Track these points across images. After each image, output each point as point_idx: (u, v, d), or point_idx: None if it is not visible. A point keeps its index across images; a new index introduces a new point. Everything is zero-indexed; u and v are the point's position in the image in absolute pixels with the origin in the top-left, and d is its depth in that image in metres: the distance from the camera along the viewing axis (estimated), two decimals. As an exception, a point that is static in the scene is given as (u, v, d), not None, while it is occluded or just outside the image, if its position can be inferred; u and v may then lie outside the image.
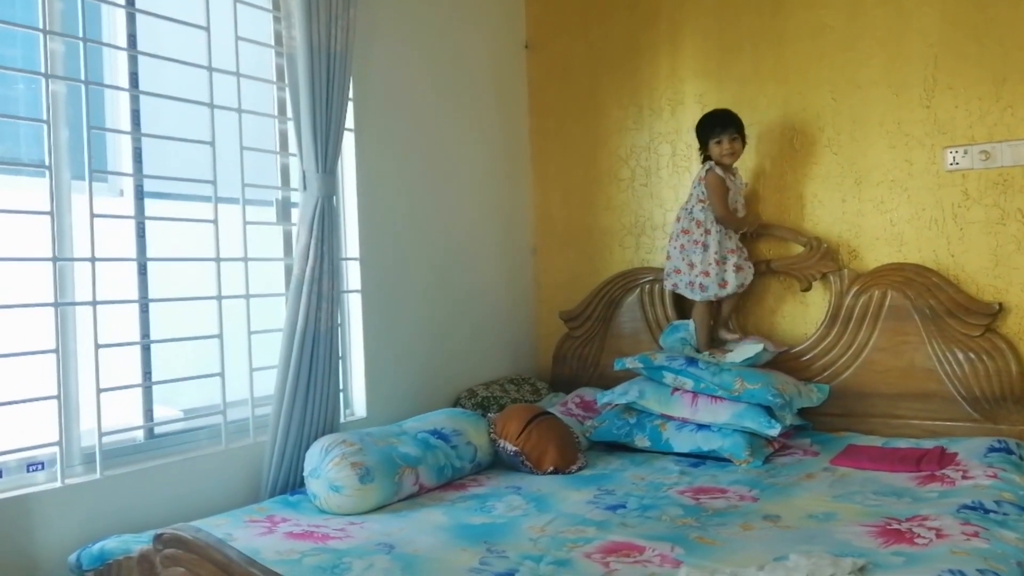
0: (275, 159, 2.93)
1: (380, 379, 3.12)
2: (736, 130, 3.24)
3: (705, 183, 3.23)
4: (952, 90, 3.12)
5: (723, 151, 3.22)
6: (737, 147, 3.24)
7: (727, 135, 3.22)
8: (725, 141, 3.21)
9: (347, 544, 2.13)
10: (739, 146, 3.25)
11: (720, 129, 3.23)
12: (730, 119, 3.25)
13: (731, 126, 3.23)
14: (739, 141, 3.24)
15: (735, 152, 3.24)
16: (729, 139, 3.22)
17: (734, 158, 3.26)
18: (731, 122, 3.24)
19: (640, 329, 3.65)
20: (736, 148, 3.24)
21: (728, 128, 3.22)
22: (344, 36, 2.78)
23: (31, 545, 2.11)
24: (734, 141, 3.22)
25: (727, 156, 3.23)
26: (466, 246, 3.62)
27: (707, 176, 3.23)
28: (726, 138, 3.21)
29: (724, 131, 3.22)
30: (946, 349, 3.05)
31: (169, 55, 2.57)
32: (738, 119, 3.27)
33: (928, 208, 3.17)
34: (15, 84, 2.71)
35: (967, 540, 1.97)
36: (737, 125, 3.25)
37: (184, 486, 2.46)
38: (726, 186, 3.23)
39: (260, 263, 2.82)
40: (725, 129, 3.22)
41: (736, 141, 3.23)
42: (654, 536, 2.12)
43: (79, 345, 2.31)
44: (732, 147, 3.22)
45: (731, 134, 3.22)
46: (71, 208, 2.31)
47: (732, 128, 3.23)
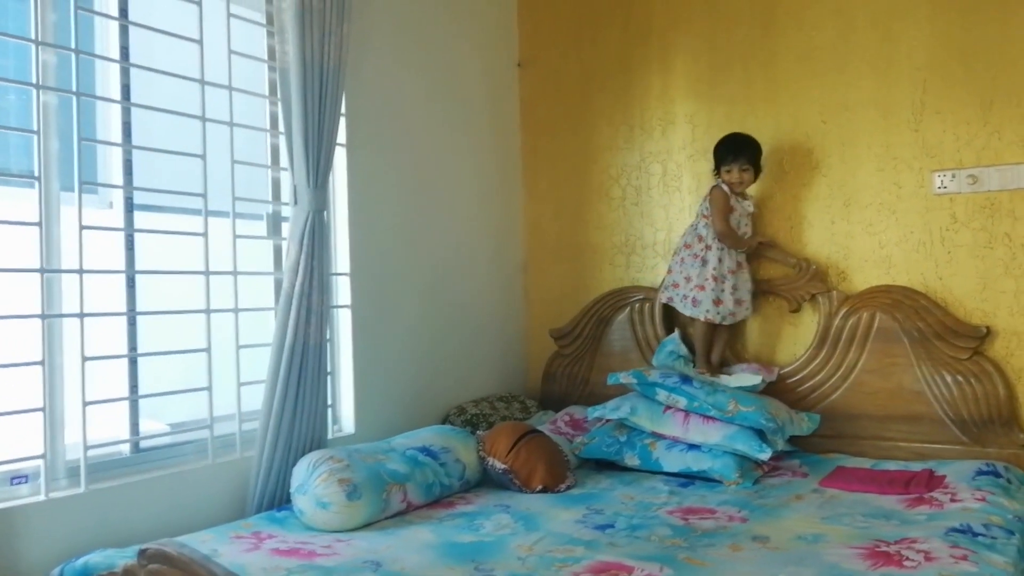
0: (266, 173, 2.93)
1: (369, 395, 3.10)
2: (748, 160, 3.25)
3: (709, 198, 3.29)
4: (940, 114, 3.15)
5: (732, 179, 3.26)
6: (747, 177, 3.26)
7: (737, 165, 3.25)
8: (735, 171, 3.25)
9: (334, 561, 2.11)
10: (749, 176, 3.26)
11: (732, 158, 3.26)
12: (744, 147, 3.27)
13: (743, 156, 3.25)
14: (750, 172, 3.26)
15: (743, 182, 3.27)
16: (739, 169, 3.24)
17: (742, 187, 3.29)
18: (744, 151, 3.26)
19: (630, 348, 3.65)
20: (745, 178, 3.26)
21: (740, 158, 3.25)
22: (337, 51, 2.79)
23: (14, 559, 2.09)
24: (744, 171, 3.25)
25: (735, 185, 3.27)
26: (456, 262, 3.62)
27: (712, 192, 3.29)
28: (736, 168, 3.25)
29: (735, 160, 3.25)
30: (934, 372, 3.06)
31: (162, 68, 2.57)
32: (753, 147, 3.29)
33: (916, 231, 3.19)
34: (6, 94, 2.70)
35: (956, 563, 1.97)
36: (750, 155, 3.27)
37: (170, 501, 2.43)
38: (729, 204, 3.27)
39: (249, 277, 2.81)
40: (736, 159, 3.25)
41: (747, 172, 3.25)
42: (643, 556, 2.11)
43: (66, 357, 2.29)
44: (741, 177, 3.25)
45: (742, 164, 3.24)
46: (60, 219, 2.30)
47: (744, 158, 3.25)
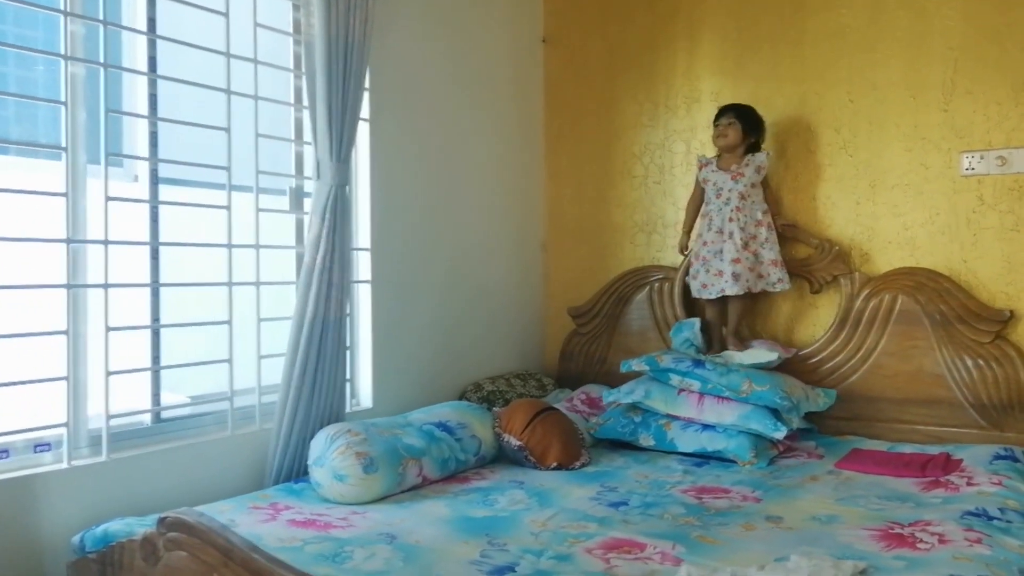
0: (290, 147, 2.94)
1: (387, 370, 3.13)
2: (735, 114, 3.29)
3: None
4: (971, 94, 3.09)
5: (714, 135, 3.33)
6: (731, 132, 3.28)
7: (724, 118, 3.30)
8: (722, 125, 3.30)
9: (349, 533, 2.14)
10: (735, 132, 3.27)
11: (720, 113, 3.34)
12: (731, 106, 3.35)
13: (730, 111, 3.31)
14: (736, 125, 3.27)
15: (724, 136, 3.29)
16: (725, 123, 3.29)
17: (723, 140, 3.30)
18: (730, 108, 3.33)
19: (648, 327, 3.65)
20: (730, 133, 3.28)
21: (727, 112, 3.31)
22: (362, 26, 2.79)
23: (36, 525, 2.13)
24: (730, 125, 3.28)
25: (716, 140, 3.33)
26: (477, 240, 3.63)
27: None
28: (722, 122, 3.30)
29: (721, 116, 3.31)
30: (955, 355, 3.03)
31: (188, 40, 2.58)
32: (745, 108, 3.32)
33: (942, 213, 3.15)
34: (35, 65, 2.73)
35: (970, 546, 1.97)
36: (738, 111, 3.30)
37: (189, 471, 2.48)
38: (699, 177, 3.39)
39: (271, 251, 2.83)
40: (723, 114, 3.31)
41: (732, 125, 3.27)
42: (656, 534, 2.12)
43: (90, 327, 2.33)
44: (725, 131, 3.29)
45: (728, 118, 3.28)
46: (86, 191, 2.33)
47: (730, 113, 3.29)
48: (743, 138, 3.28)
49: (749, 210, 3.24)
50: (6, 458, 2.15)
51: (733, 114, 3.28)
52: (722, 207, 3.26)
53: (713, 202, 3.31)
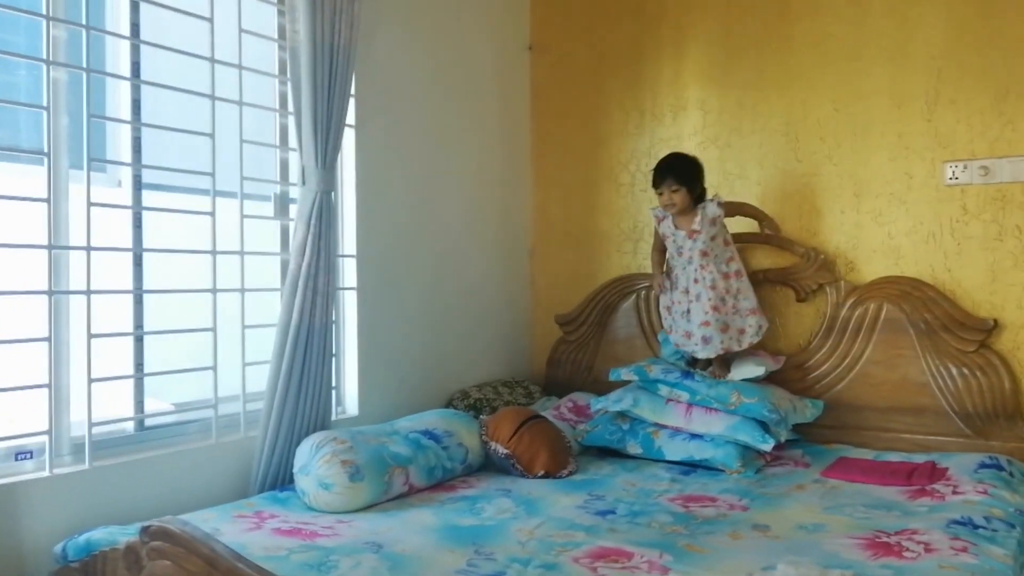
0: (275, 153, 2.93)
1: (373, 377, 3.11)
2: (676, 179, 3.05)
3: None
4: (954, 104, 3.12)
5: (663, 203, 3.11)
6: (678, 199, 3.05)
7: (666, 187, 3.07)
8: (665, 193, 3.08)
9: (335, 542, 2.12)
10: (681, 197, 3.05)
11: (659, 180, 3.10)
12: (668, 168, 3.10)
13: (669, 176, 3.06)
14: (681, 192, 3.04)
15: (674, 204, 3.06)
16: (669, 191, 3.07)
17: (674, 210, 3.08)
18: (669, 171, 3.08)
19: (635, 335, 3.65)
20: (676, 200, 3.05)
21: (666, 178, 3.07)
22: (348, 31, 2.78)
23: (17, 534, 2.10)
24: (674, 192, 3.05)
25: (668, 208, 3.10)
26: (463, 246, 3.62)
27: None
28: (665, 190, 3.08)
29: (662, 183, 3.08)
30: (940, 364, 3.05)
31: (172, 45, 2.56)
32: (680, 166, 3.10)
33: (926, 222, 3.17)
34: (16, 70, 2.70)
35: (956, 555, 1.97)
36: (679, 174, 3.07)
37: (173, 479, 2.45)
38: (659, 235, 3.21)
39: (256, 257, 2.81)
40: (663, 180, 3.08)
41: (677, 192, 3.05)
42: (643, 543, 2.11)
43: (72, 334, 2.31)
44: (671, 198, 3.06)
45: (670, 185, 3.06)
46: (68, 196, 2.30)
47: (671, 179, 3.06)
48: (691, 198, 3.08)
49: (714, 265, 3.07)
50: (-14, 467, 2.12)
51: (673, 179, 3.04)
52: (686, 266, 3.12)
53: (676, 259, 3.16)
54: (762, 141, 3.46)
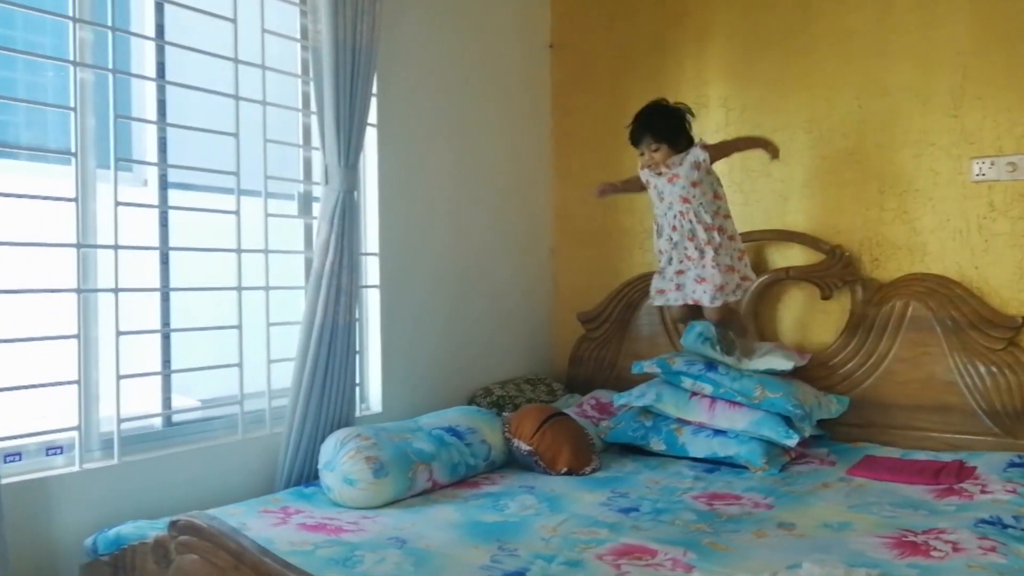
0: (298, 152, 2.95)
1: (396, 375, 3.12)
2: (654, 136, 2.86)
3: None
4: (981, 100, 3.08)
5: (641, 163, 2.94)
6: (659, 156, 2.86)
7: (644, 145, 2.89)
8: (646, 153, 2.90)
9: (360, 537, 2.14)
10: (662, 155, 2.86)
11: (636, 137, 2.91)
12: (643, 126, 2.90)
13: (646, 134, 2.88)
14: (662, 149, 2.85)
15: (651, 162, 2.88)
16: (649, 150, 2.88)
17: (656, 168, 2.89)
18: (644, 130, 2.89)
19: (658, 332, 3.64)
20: (657, 158, 2.87)
21: (643, 136, 2.89)
22: (369, 31, 2.79)
23: (49, 528, 2.14)
24: (654, 151, 2.87)
25: (652, 167, 2.91)
26: (485, 244, 3.62)
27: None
28: (646, 150, 2.89)
29: (640, 140, 2.90)
30: (967, 362, 3.02)
31: (196, 46, 2.59)
32: (655, 120, 2.89)
33: (953, 219, 3.14)
34: (44, 71, 2.74)
35: (984, 555, 1.95)
36: (655, 130, 2.87)
37: (200, 474, 2.48)
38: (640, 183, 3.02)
39: (280, 256, 2.84)
40: (640, 140, 2.90)
41: (659, 151, 2.86)
42: (667, 540, 2.11)
43: (101, 331, 2.34)
44: (652, 157, 2.88)
45: (648, 143, 2.87)
46: (96, 196, 2.34)
47: (647, 135, 2.87)
48: (674, 152, 2.87)
49: (695, 213, 2.86)
50: (18, 461, 2.16)
51: (651, 136, 2.86)
52: (666, 212, 2.94)
53: (658, 206, 2.97)
54: (785, 138, 3.43)
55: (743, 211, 3.51)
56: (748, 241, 3.42)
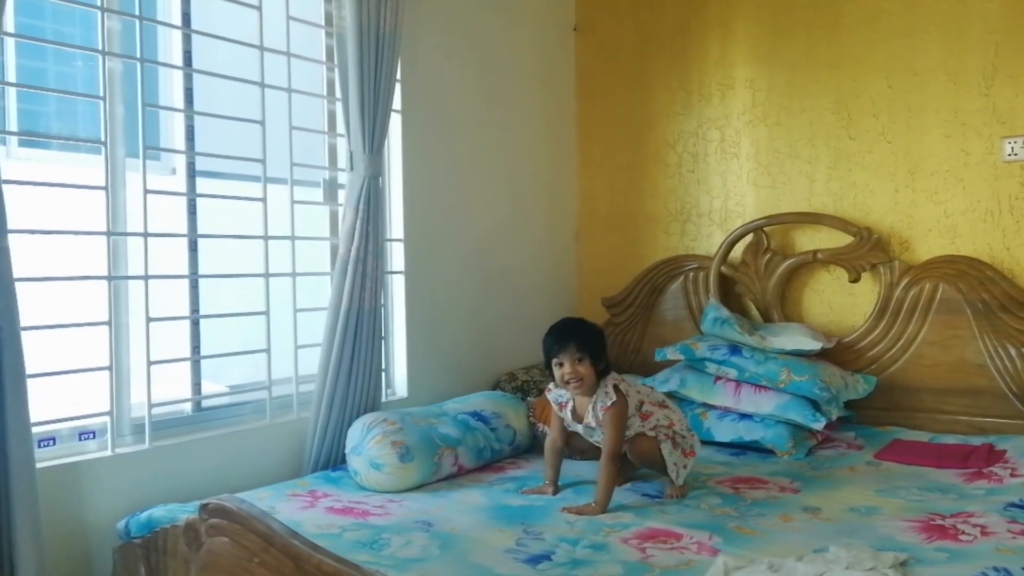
0: (323, 139, 2.96)
1: (421, 360, 3.14)
2: (577, 343, 2.34)
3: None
4: (1012, 79, 3.03)
5: (560, 376, 2.37)
6: (581, 369, 2.33)
7: (565, 354, 2.34)
8: (567, 363, 2.34)
9: (386, 521, 2.16)
10: (586, 368, 2.33)
11: (558, 347, 2.36)
12: (570, 333, 2.38)
13: (569, 341, 2.35)
14: (586, 361, 2.33)
15: (574, 377, 2.33)
16: (572, 361, 2.33)
17: (579, 386, 2.35)
18: (567, 336, 2.37)
19: (683, 317, 3.62)
20: (577, 371, 2.33)
21: (566, 344, 2.35)
22: (393, 17, 2.79)
23: (82, 511, 2.18)
24: (579, 362, 2.33)
25: (567, 384, 2.36)
26: (510, 229, 3.62)
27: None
28: (566, 357, 2.34)
29: (561, 349, 2.35)
30: (998, 344, 2.98)
31: (222, 34, 2.60)
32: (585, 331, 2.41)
33: (984, 200, 3.09)
34: (73, 61, 2.77)
35: (1013, 538, 1.94)
36: (579, 337, 2.36)
37: (229, 459, 2.51)
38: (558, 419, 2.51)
39: (306, 242, 2.86)
40: (563, 348, 2.35)
41: (582, 362, 2.33)
42: (692, 524, 2.11)
43: (131, 318, 2.37)
44: (569, 371, 2.33)
45: (573, 352, 2.33)
46: (125, 184, 2.36)
47: (570, 343, 2.34)
48: (596, 371, 2.37)
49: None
50: (52, 446, 2.20)
51: (575, 344, 2.33)
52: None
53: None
54: (812, 119, 3.40)
55: (770, 193, 3.49)
56: (775, 224, 3.42)
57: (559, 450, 2.52)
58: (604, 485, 2.28)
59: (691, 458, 2.47)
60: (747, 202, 3.55)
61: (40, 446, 2.14)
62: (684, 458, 2.45)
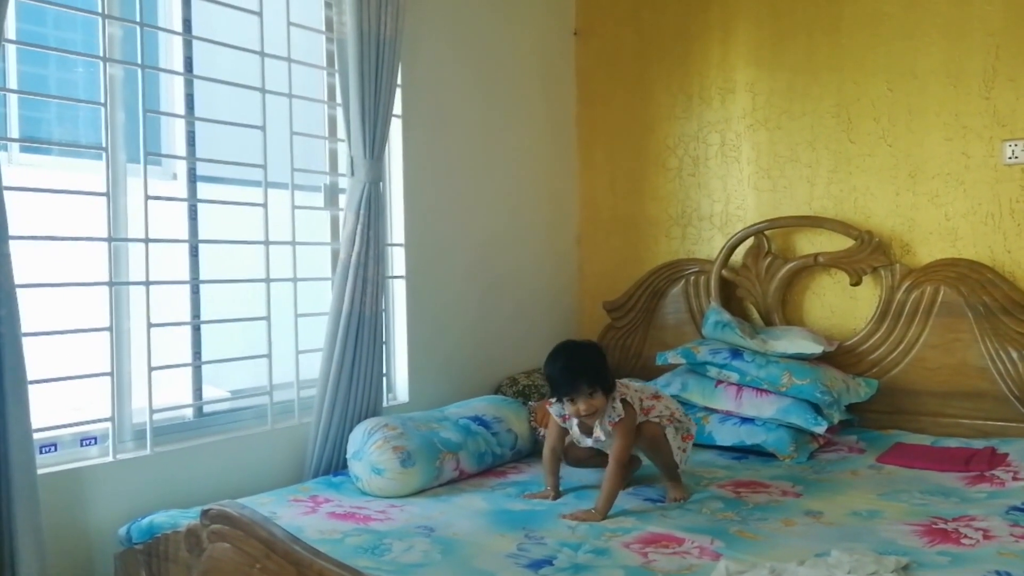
0: (324, 144, 2.96)
1: (422, 365, 3.14)
2: (588, 380, 2.33)
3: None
4: (1013, 82, 3.03)
5: (573, 411, 2.39)
6: (595, 402, 2.34)
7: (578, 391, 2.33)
8: (581, 403, 2.34)
9: (388, 526, 2.16)
10: (599, 399, 2.34)
11: (568, 387, 2.35)
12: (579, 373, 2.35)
13: (580, 379, 2.33)
14: (598, 392, 2.34)
15: (589, 408, 2.34)
16: (586, 400, 2.33)
17: (593, 415, 2.38)
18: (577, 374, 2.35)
19: (684, 321, 3.62)
20: (592, 404, 2.33)
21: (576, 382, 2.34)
22: (394, 22, 2.80)
23: (83, 517, 2.18)
24: (592, 396, 2.33)
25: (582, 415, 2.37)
26: (511, 234, 3.63)
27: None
28: (580, 394, 2.33)
29: (571, 387, 2.34)
30: (999, 347, 2.97)
31: (222, 40, 2.61)
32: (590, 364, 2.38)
33: (984, 203, 3.09)
34: (75, 67, 2.77)
35: (1016, 542, 1.94)
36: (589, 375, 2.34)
37: (230, 464, 2.51)
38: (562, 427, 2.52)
39: (307, 247, 2.86)
40: (573, 386, 2.34)
41: (595, 395, 2.33)
42: (694, 528, 2.11)
43: (132, 324, 2.37)
44: (585, 406, 2.33)
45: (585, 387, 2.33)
46: (126, 190, 2.37)
47: (581, 380, 2.33)
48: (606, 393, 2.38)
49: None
50: (54, 452, 2.20)
51: (586, 382, 2.32)
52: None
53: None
54: (813, 123, 3.40)
55: (771, 197, 3.49)
56: (776, 227, 3.42)
57: (558, 456, 2.55)
58: (607, 492, 2.29)
59: (689, 441, 2.56)
60: (748, 206, 3.56)
61: (41, 452, 2.14)
62: (683, 442, 2.53)
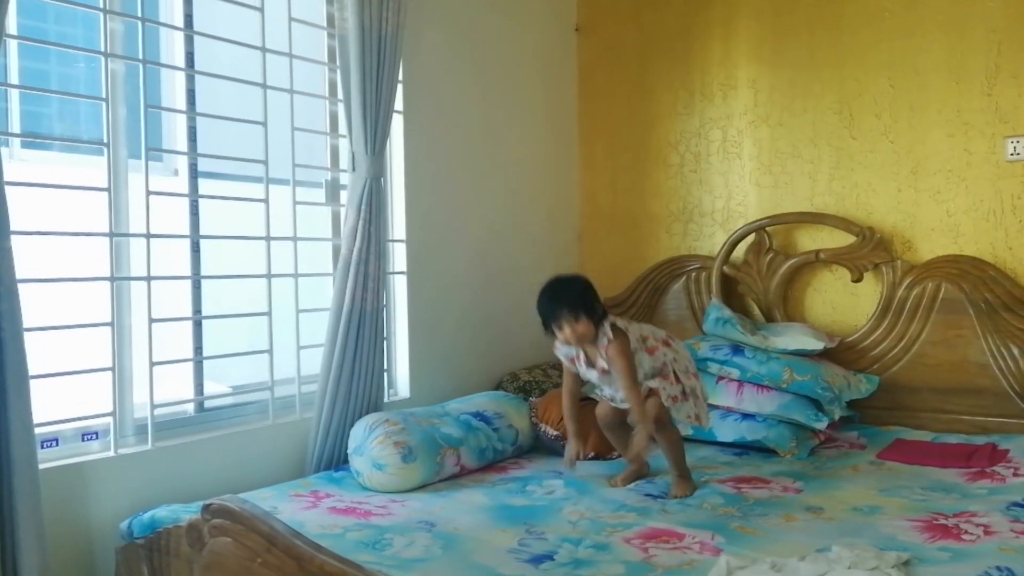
0: (325, 140, 2.96)
1: (424, 360, 3.14)
2: (570, 309, 2.41)
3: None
4: (1015, 78, 3.02)
5: (563, 338, 2.48)
6: (580, 328, 2.41)
7: (564, 319, 2.42)
8: (566, 327, 2.43)
9: (389, 521, 2.16)
10: (584, 326, 2.41)
11: (553, 315, 2.45)
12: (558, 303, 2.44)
13: (561, 307, 2.42)
14: (583, 319, 2.41)
15: (575, 335, 2.42)
16: (570, 325, 2.42)
17: (581, 341, 2.46)
18: (559, 303, 2.43)
19: (685, 317, 3.62)
20: (577, 330, 2.41)
21: (559, 311, 2.42)
22: (395, 18, 2.80)
23: (85, 511, 2.18)
24: (577, 322, 2.41)
25: (572, 341, 2.46)
26: (512, 230, 3.63)
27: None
28: (564, 322, 2.42)
29: (557, 315, 2.43)
30: (1001, 344, 2.97)
31: (224, 36, 2.61)
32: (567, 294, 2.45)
33: (986, 199, 3.09)
34: (76, 63, 2.78)
35: (1016, 538, 1.94)
36: (571, 303, 2.42)
37: (232, 459, 2.51)
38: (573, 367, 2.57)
39: (309, 243, 2.86)
40: (557, 314, 2.43)
41: (580, 321, 2.41)
42: (694, 524, 2.11)
43: (134, 319, 2.37)
44: (571, 333, 2.42)
45: (569, 317, 2.41)
46: (128, 185, 2.37)
47: (563, 310, 2.41)
48: (593, 323, 2.44)
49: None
50: (55, 447, 2.20)
51: (567, 308, 2.41)
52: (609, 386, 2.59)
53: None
54: (815, 119, 3.40)
55: (772, 193, 3.49)
56: (778, 224, 3.42)
57: (577, 399, 2.60)
58: (635, 408, 2.40)
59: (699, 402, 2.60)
60: (749, 202, 3.55)
61: (43, 447, 2.14)
62: (695, 407, 2.56)
